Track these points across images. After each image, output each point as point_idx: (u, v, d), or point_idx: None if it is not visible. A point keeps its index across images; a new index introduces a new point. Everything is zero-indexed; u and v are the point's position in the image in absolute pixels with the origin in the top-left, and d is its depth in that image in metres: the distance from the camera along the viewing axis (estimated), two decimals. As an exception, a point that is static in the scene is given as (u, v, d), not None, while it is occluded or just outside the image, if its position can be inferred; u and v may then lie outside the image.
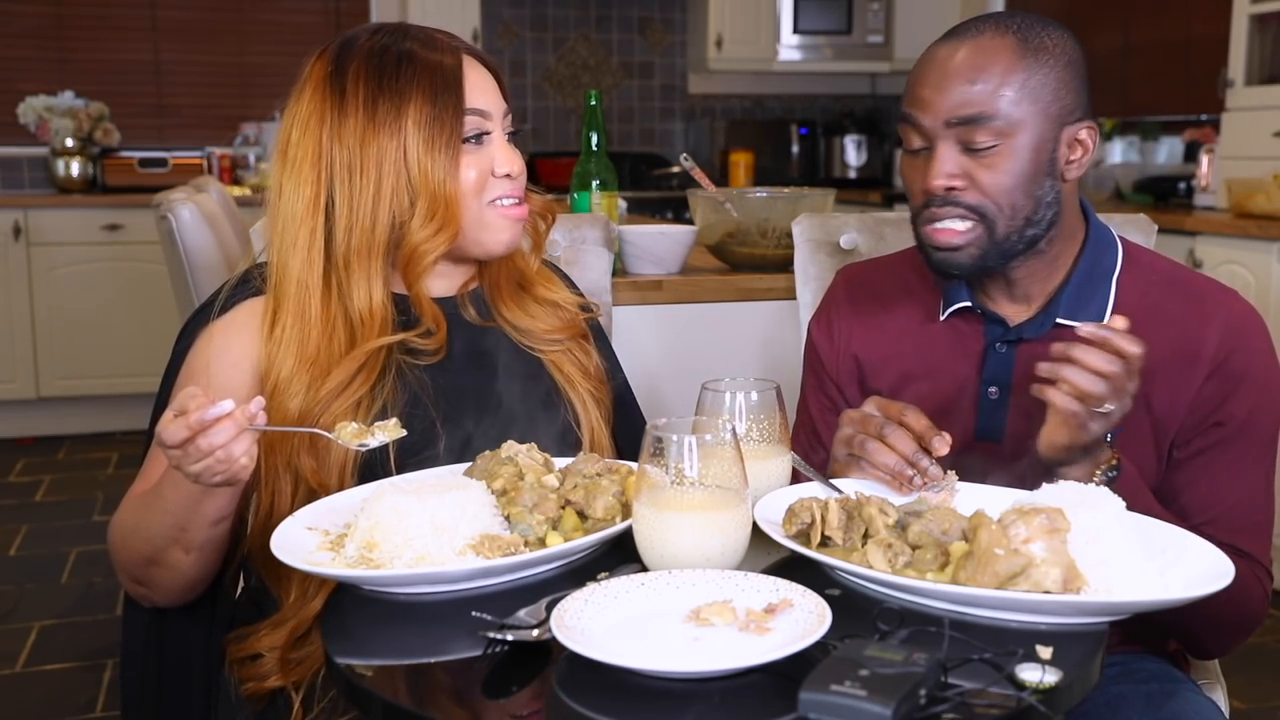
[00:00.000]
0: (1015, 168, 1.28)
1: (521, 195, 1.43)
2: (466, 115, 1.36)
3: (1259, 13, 3.90)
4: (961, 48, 1.29)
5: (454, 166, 1.35)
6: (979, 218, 1.29)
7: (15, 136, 5.22)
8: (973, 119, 1.27)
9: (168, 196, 2.59)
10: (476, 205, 1.39)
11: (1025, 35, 1.29)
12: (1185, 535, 1.11)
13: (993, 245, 1.30)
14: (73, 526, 3.87)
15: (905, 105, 1.33)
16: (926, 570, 1.05)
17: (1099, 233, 1.39)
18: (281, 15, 5.62)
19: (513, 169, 1.40)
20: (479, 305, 1.48)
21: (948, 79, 1.28)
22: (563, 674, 0.92)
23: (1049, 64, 1.28)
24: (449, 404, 1.39)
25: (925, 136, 1.30)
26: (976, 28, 1.31)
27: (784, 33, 5.88)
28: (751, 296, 2.32)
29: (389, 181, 1.34)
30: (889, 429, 1.22)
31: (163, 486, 1.24)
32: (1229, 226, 3.57)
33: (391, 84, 1.35)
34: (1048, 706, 0.85)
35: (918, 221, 1.34)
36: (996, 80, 1.27)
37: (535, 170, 5.47)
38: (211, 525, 1.24)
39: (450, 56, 1.38)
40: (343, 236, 1.35)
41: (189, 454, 1.12)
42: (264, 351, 1.36)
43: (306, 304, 1.36)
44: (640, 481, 1.06)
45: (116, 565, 1.37)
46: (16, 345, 4.89)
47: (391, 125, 1.34)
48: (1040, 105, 1.28)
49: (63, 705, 2.70)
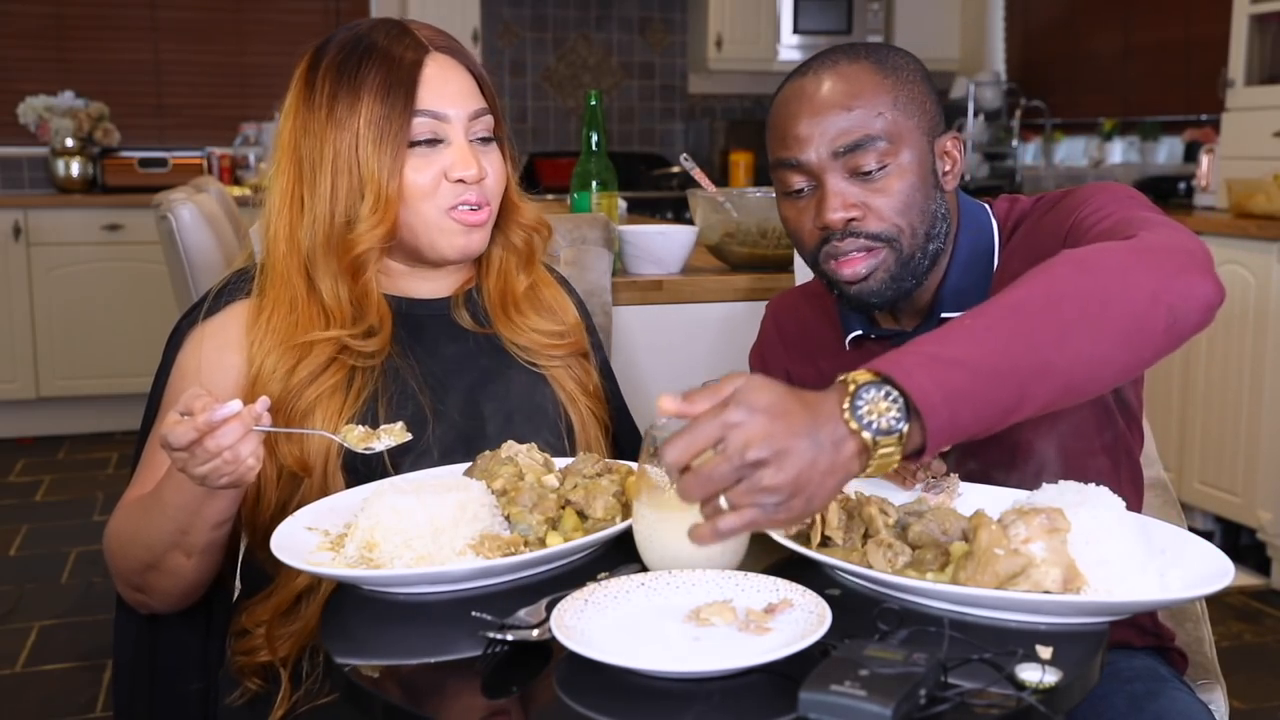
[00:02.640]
0: (906, 186, 1.28)
1: (482, 201, 1.39)
2: (417, 117, 1.34)
3: (1259, 13, 3.90)
4: (824, 79, 1.29)
5: (398, 167, 1.34)
6: (884, 243, 1.29)
7: (15, 136, 5.23)
8: (857, 144, 1.26)
9: (168, 196, 2.59)
10: (430, 209, 1.37)
11: (879, 59, 1.30)
12: (1185, 535, 1.11)
13: (901, 267, 1.30)
14: (73, 526, 3.87)
15: (779, 150, 1.30)
16: (926, 570, 1.05)
17: (969, 215, 1.38)
18: (281, 15, 5.62)
19: (468, 174, 1.36)
20: (474, 309, 1.47)
21: (822, 111, 1.27)
22: (563, 674, 0.92)
23: (909, 80, 1.30)
24: (437, 398, 1.38)
25: (809, 174, 1.29)
26: (829, 59, 1.30)
27: (784, 33, 5.88)
28: (751, 296, 2.31)
29: (344, 178, 1.34)
30: None
31: (163, 490, 1.23)
32: (1229, 226, 3.57)
33: (350, 81, 1.35)
34: (1048, 706, 0.85)
35: (819, 261, 1.32)
36: (870, 102, 1.27)
37: (535, 170, 5.47)
38: (213, 528, 1.24)
39: (412, 53, 1.36)
40: (307, 230, 1.36)
41: (196, 456, 1.11)
42: (251, 346, 1.35)
43: (292, 293, 1.36)
44: (640, 481, 1.06)
45: (114, 573, 1.36)
46: (16, 345, 4.89)
47: (347, 122, 1.34)
48: (913, 120, 1.29)
49: (63, 705, 2.70)
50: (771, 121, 1.33)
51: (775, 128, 1.32)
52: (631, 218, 3.14)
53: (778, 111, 1.32)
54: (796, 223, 1.33)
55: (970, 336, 0.98)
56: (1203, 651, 1.63)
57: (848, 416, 0.92)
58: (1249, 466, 3.47)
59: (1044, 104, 5.51)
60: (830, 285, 1.35)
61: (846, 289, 1.32)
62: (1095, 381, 1.03)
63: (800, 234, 1.33)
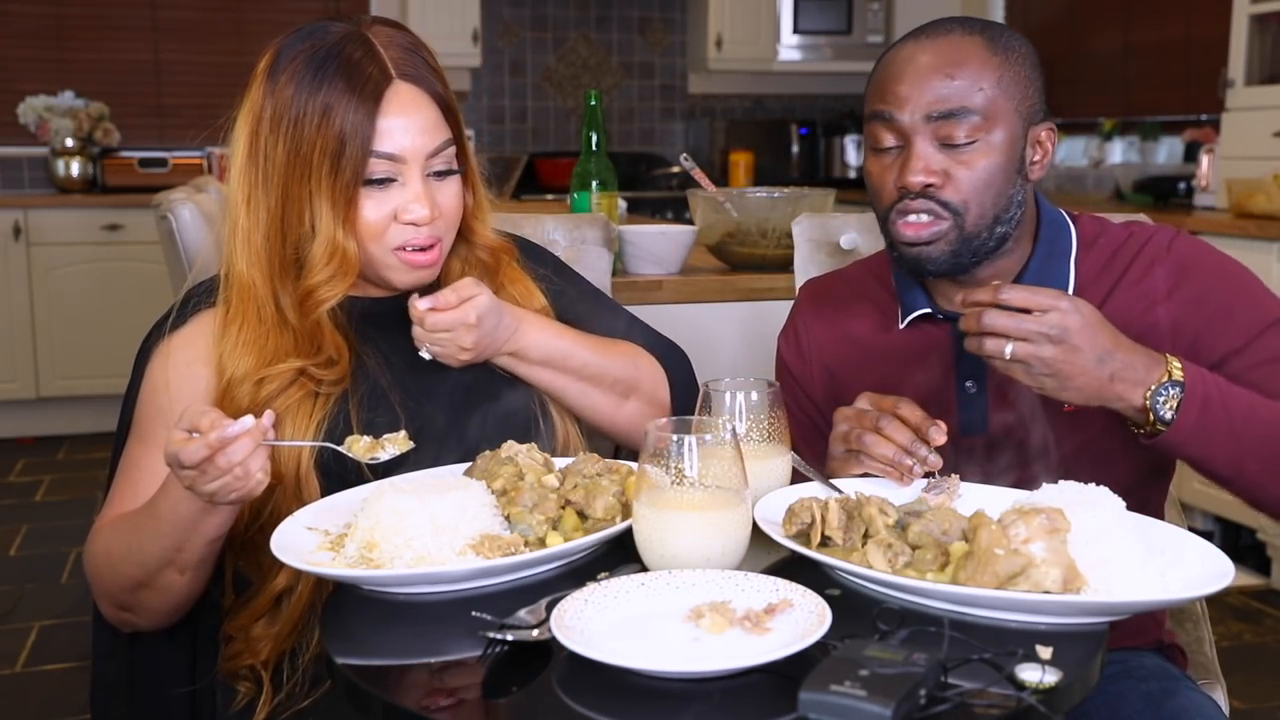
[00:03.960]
0: (991, 164, 1.29)
1: (431, 241, 1.34)
2: (373, 160, 1.30)
3: (1259, 13, 3.90)
4: (933, 45, 1.31)
5: (353, 212, 1.31)
6: (951, 215, 1.30)
7: (15, 136, 5.22)
8: (952, 113, 1.28)
9: (168, 196, 2.59)
10: (377, 249, 1.33)
11: (992, 36, 1.31)
12: (1185, 535, 1.11)
13: (962, 243, 1.31)
14: (73, 526, 3.87)
15: (877, 103, 1.32)
16: (926, 570, 1.05)
17: (1050, 217, 1.40)
18: (281, 15, 5.62)
19: (420, 217, 1.32)
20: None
21: (924, 74, 1.29)
22: (563, 674, 0.92)
23: (1018, 62, 1.31)
24: (408, 394, 1.36)
25: (900, 134, 1.31)
26: (944, 28, 1.33)
27: (784, 33, 5.89)
28: (751, 296, 2.31)
29: (294, 204, 1.31)
30: (885, 421, 1.22)
31: (158, 507, 1.22)
32: (1229, 226, 3.57)
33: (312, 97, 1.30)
34: (1048, 706, 0.85)
35: (889, 219, 1.33)
36: (973, 76, 1.28)
37: (535, 170, 5.47)
38: (209, 544, 1.23)
39: (374, 86, 1.29)
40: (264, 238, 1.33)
41: (206, 473, 1.11)
42: (220, 357, 1.33)
43: (258, 302, 1.33)
44: (640, 481, 1.06)
45: (98, 593, 1.34)
46: (16, 345, 4.89)
47: (302, 143, 1.30)
48: (1013, 102, 1.30)
49: (63, 705, 2.70)
50: (874, 76, 1.35)
51: (877, 82, 1.34)
52: (631, 218, 3.14)
53: (884, 68, 1.33)
54: (879, 179, 1.34)
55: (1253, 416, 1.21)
56: (1203, 651, 1.63)
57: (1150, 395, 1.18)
58: (1249, 466, 3.46)
59: (1044, 104, 5.51)
60: (891, 246, 1.35)
61: (906, 250, 1.33)
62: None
63: (880, 190, 1.34)
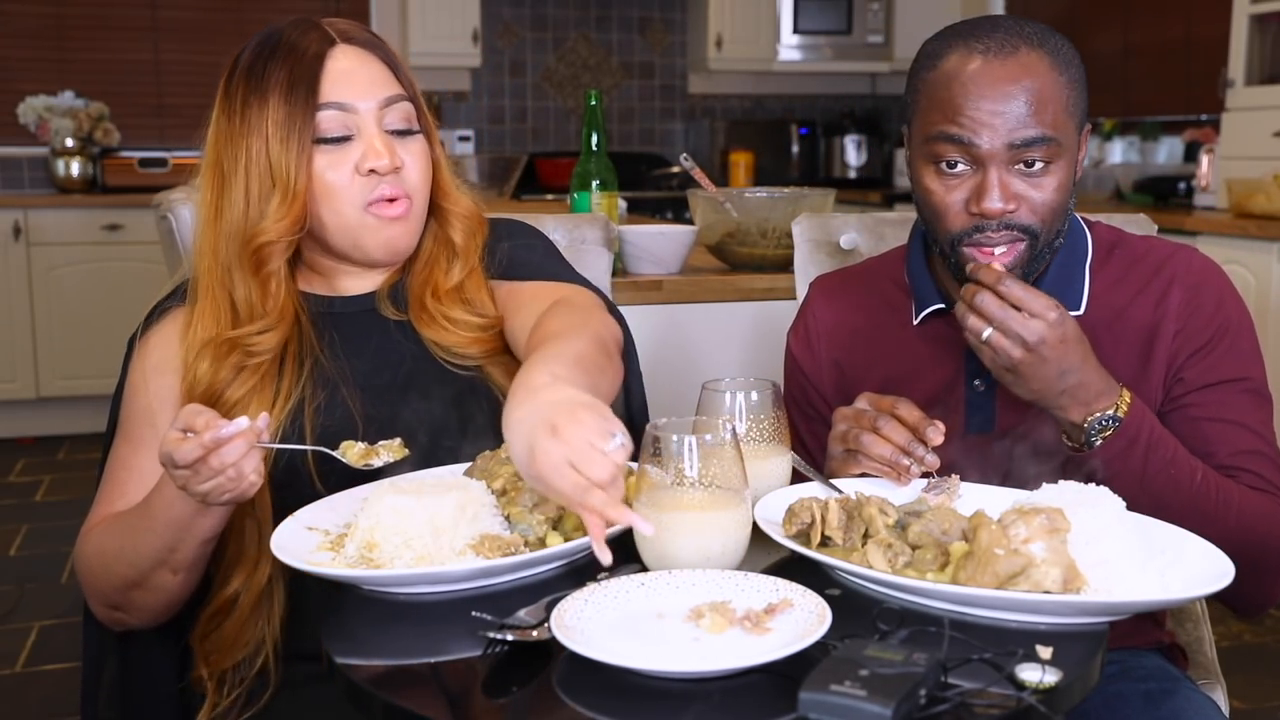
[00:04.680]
0: (1060, 184, 1.27)
1: (398, 193, 1.34)
2: (322, 110, 1.31)
3: (1259, 13, 3.90)
4: (1003, 65, 1.25)
5: (304, 161, 1.31)
6: (1028, 237, 1.28)
7: (15, 136, 5.22)
8: (1033, 141, 1.24)
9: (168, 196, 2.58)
10: (348, 208, 1.33)
11: (1053, 49, 1.27)
12: (1185, 535, 1.11)
13: (1032, 260, 1.30)
14: (73, 526, 3.82)
15: (948, 124, 1.26)
16: (926, 570, 1.05)
17: (1071, 224, 1.39)
18: (281, 15, 5.52)
19: (380, 164, 1.32)
20: (398, 301, 1.42)
21: (1004, 101, 1.24)
22: (563, 674, 0.92)
23: (1076, 77, 1.29)
24: (369, 401, 1.35)
25: (975, 159, 1.26)
26: (1009, 41, 1.26)
27: (784, 33, 5.89)
28: (751, 296, 2.31)
29: (255, 182, 1.32)
30: (882, 421, 1.22)
31: (152, 507, 1.22)
32: (1229, 226, 3.58)
33: (258, 82, 1.32)
34: (1048, 706, 0.85)
35: (958, 242, 1.29)
36: (1050, 101, 1.25)
37: (535, 170, 5.47)
38: (202, 544, 1.23)
39: (316, 46, 1.33)
40: (224, 240, 1.34)
41: (199, 473, 1.11)
42: (185, 355, 1.34)
43: (216, 307, 1.34)
44: (640, 481, 1.06)
45: (89, 593, 1.35)
46: (16, 345, 4.89)
47: (256, 125, 1.32)
48: (1075, 121, 1.28)
49: (63, 705, 2.70)
50: (938, 90, 1.27)
51: (947, 100, 1.26)
52: (631, 218, 3.14)
53: (951, 83, 1.26)
54: (943, 199, 1.29)
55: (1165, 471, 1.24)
56: (1203, 651, 1.63)
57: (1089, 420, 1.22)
58: (1249, 466, 3.46)
59: (1044, 104, 5.50)
60: (957, 267, 1.31)
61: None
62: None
63: (945, 210, 1.29)
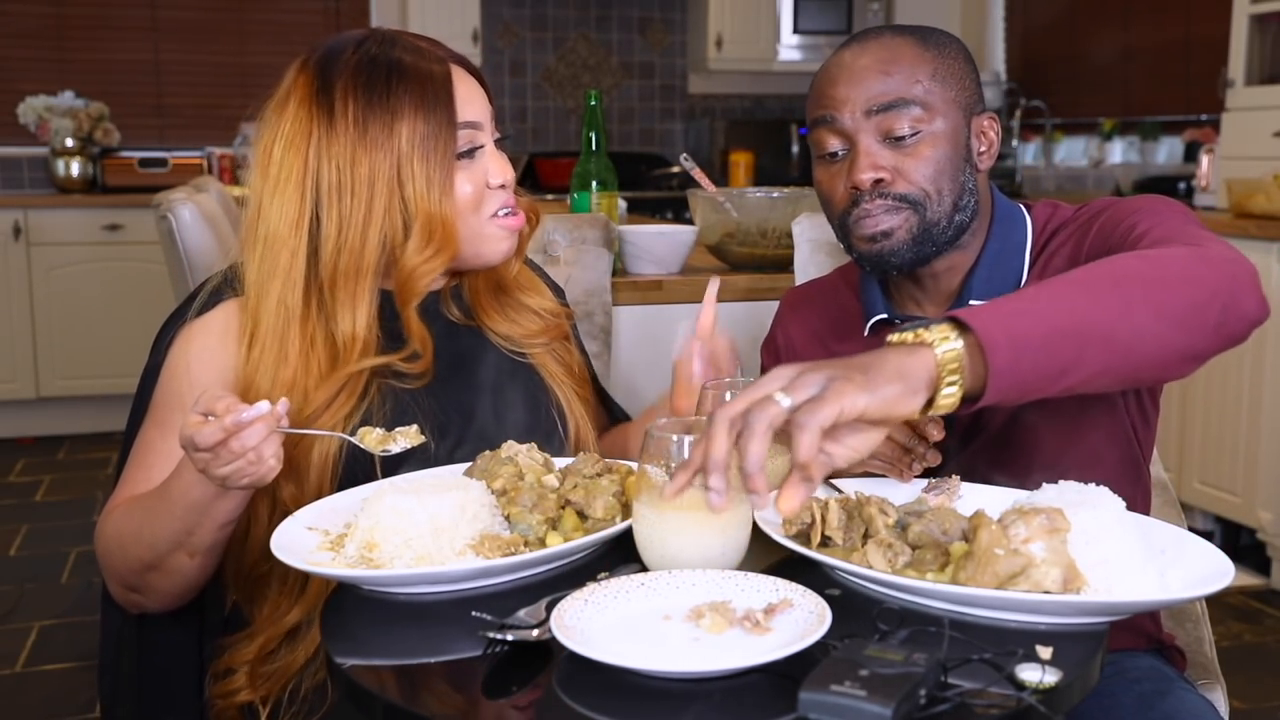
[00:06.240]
0: (937, 154, 1.31)
1: (514, 204, 1.40)
2: (460, 129, 1.33)
3: (1259, 13, 3.90)
4: (865, 49, 1.34)
5: (449, 184, 1.32)
6: (910, 206, 1.31)
7: (15, 136, 5.23)
8: (891, 105, 1.30)
9: (168, 196, 2.59)
10: (475, 220, 1.36)
11: (922, 35, 1.35)
12: (1185, 535, 1.11)
13: (924, 231, 1.32)
14: (73, 526, 3.87)
15: (817, 109, 1.35)
16: (926, 570, 1.05)
17: (1004, 211, 1.40)
18: (281, 15, 5.62)
19: (506, 178, 1.37)
20: (459, 303, 1.46)
21: (860, 74, 1.31)
22: (563, 674, 0.92)
23: (951, 56, 1.34)
24: (437, 413, 1.37)
25: (844, 136, 1.32)
26: (874, 33, 1.36)
27: (784, 33, 5.89)
28: (751, 296, 2.31)
29: (381, 201, 1.30)
30: None
31: (170, 490, 1.23)
32: (1229, 226, 3.57)
33: (382, 99, 1.30)
34: (1048, 706, 0.85)
35: (846, 222, 1.34)
36: (908, 69, 1.31)
37: (535, 170, 5.47)
38: (220, 528, 1.24)
39: (439, 66, 1.34)
40: (329, 258, 1.31)
41: (220, 457, 1.11)
42: (241, 363, 1.32)
43: (286, 326, 1.32)
44: (640, 481, 1.06)
45: (107, 574, 1.35)
46: (16, 345, 4.89)
47: (384, 143, 1.29)
48: (950, 93, 1.32)
49: (63, 705, 2.71)
50: (812, 87, 1.37)
51: (815, 91, 1.36)
52: (631, 218, 3.14)
53: (819, 78, 1.36)
54: (829, 186, 1.36)
55: (1037, 296, 1.04)
56: (1203, 651, 1.63)
57: (915, 336, 0.98)
58: (1249, 467, 3.47)
59: (1044, 104, 5.52)
60: (851, 249, 1.36)
61: (868, 249, 1.33)
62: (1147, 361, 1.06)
63: (832, 197, 1.36)
